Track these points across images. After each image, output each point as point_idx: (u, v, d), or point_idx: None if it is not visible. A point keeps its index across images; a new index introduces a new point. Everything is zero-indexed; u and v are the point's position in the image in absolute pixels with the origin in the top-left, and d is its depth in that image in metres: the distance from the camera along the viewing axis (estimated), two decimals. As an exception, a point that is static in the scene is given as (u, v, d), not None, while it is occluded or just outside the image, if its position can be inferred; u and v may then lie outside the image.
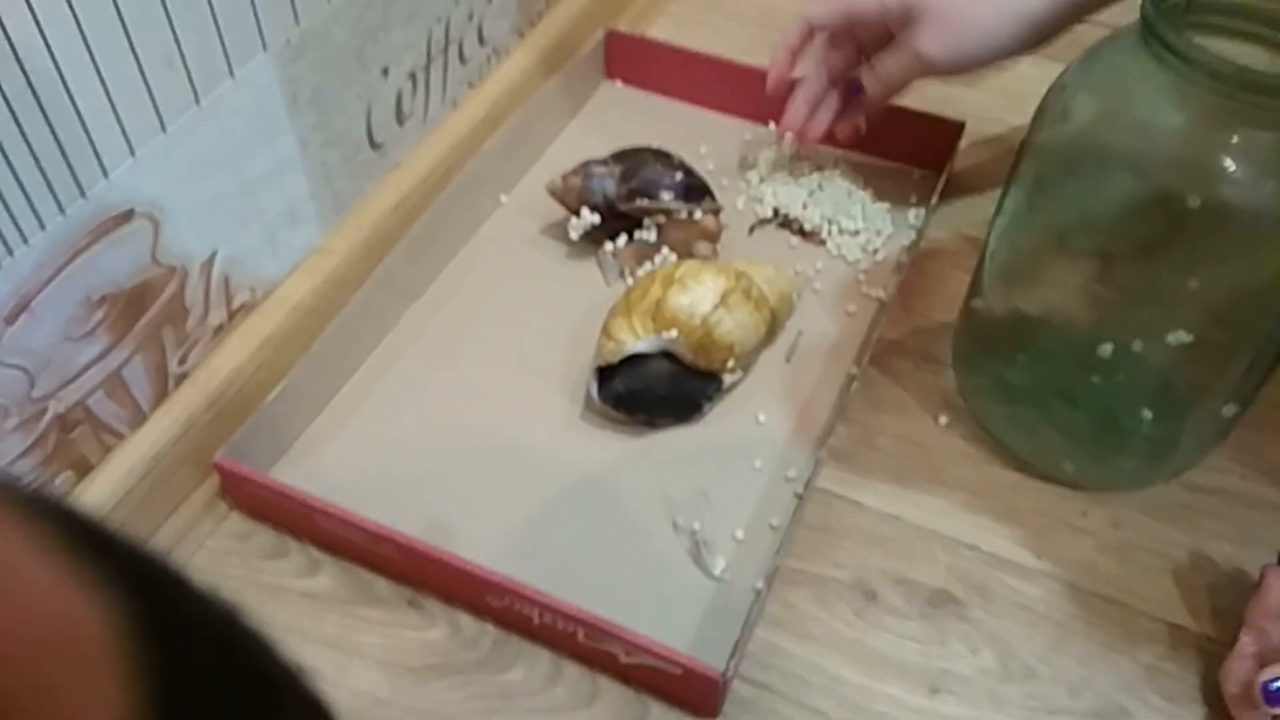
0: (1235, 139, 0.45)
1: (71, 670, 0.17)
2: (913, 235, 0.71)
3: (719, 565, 0.54)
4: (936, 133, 0.74)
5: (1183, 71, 0.44)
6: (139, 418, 0.55)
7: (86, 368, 0.51)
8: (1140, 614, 0.54)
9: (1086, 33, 0.84)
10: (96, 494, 0.52)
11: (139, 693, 0.17)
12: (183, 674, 0.18)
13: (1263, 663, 0.49)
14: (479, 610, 0.53)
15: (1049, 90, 0.51)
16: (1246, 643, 0.50)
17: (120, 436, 0.54)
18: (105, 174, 0.48)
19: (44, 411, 0.49)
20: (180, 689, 0.18)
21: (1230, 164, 0.46)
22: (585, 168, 0.68)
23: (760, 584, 0.53)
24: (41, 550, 0.17)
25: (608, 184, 0.68)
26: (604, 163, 0.69)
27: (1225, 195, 0.46)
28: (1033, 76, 0.83)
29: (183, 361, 0.56)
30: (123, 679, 0.17)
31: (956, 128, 0.73)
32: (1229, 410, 0.54)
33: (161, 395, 0.56)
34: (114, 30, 0.46)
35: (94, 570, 0.18)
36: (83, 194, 0.47)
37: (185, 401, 0.56)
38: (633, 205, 0.67)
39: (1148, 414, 0.55)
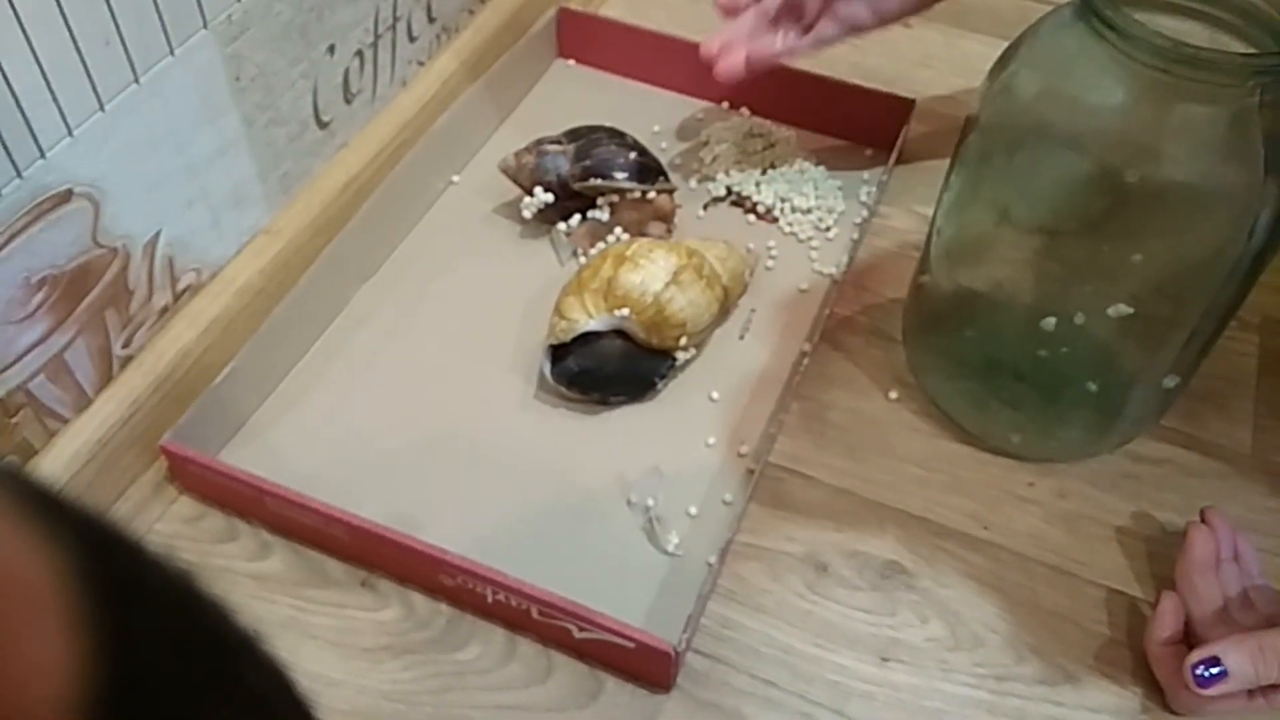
0: (1174, 114, 0.46)
1: (19, 623, 0.16)
2: (864, 213, 0.71)
3: (672, 541, 0.55)
4: (887, 111, 0.74)
5: (1121, 47, 0.45)
6: (83, 401, 0.54)
7: (27, 351, 0.50)
8: (1086, 582, 0.55)
9: (1031, 9, 0.86)
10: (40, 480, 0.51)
11: (90, 651, 0.17)
12: (136, 635, 0.18)
13: (1190, 624, 0.50)
14: (432, 590, 0.53)
15: (992, 67, 0.52)
16: (1166, 603, 0.51)
17: (64, 421, 0.53)
18: (42, 154, 0.47)
19: (-16, 396, 0.49)
20: (134, 650, 0.18)
21: (1168, 139, 0.46)
22: (538, 146, 0.68)
23: (713, 559, 0.53)
24: None
25: (561, 162, 0.67)
26: (557, 141, 0.69)
27: (1164, 170, 0.47)
28: (984, 55, 0.83)
29: (127, 344, 0.56)
30: (73, 636, 0.17)
31: (907, 105, 0.74)
32: (1170, 382, 0.55)
33: (106, 378, 0.55)
34: (48, 6, 0.45)
35: (47, 531, 0.18)
36: (19, 174, 0.46)
37: (130, 384, 0.55)
38: (586, 184, 0.67)
39: (1092, 386, 0.56)
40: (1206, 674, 0.47)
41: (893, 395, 0.62)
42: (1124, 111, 0.47)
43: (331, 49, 0.63)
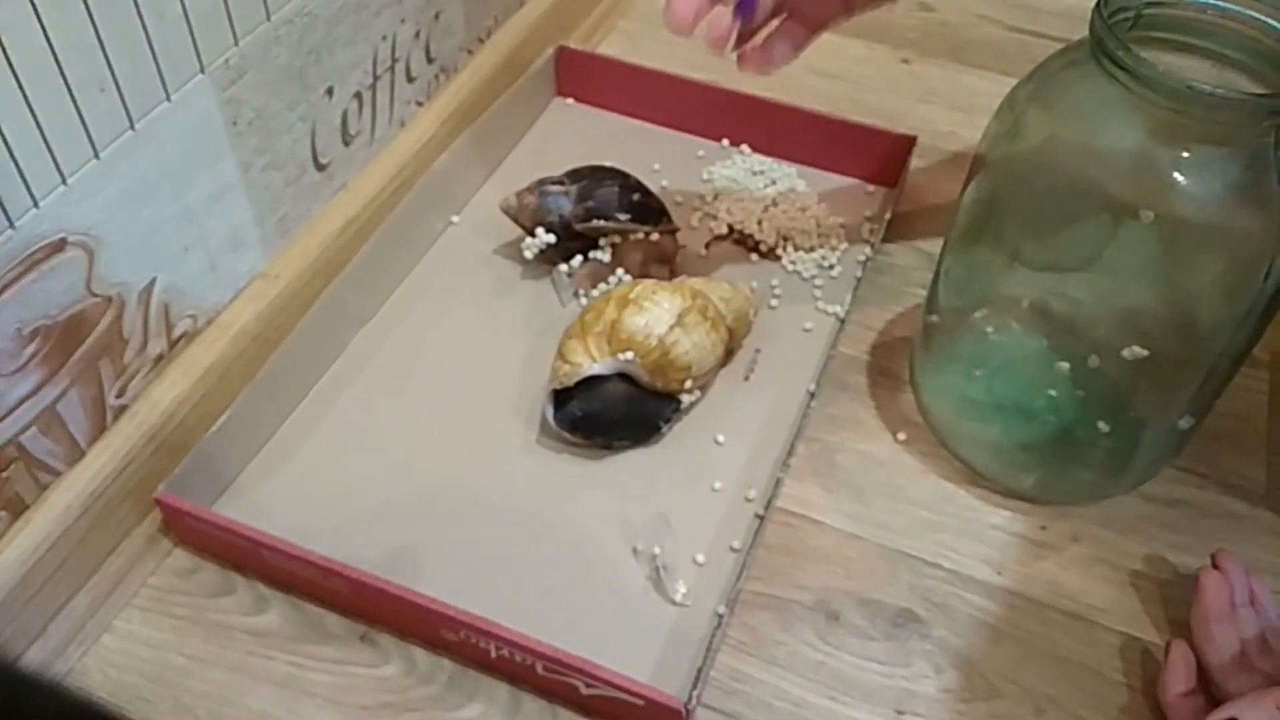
0: (1185, 153, 0.46)
1: None
2: (868, 251, 0.70)
3: (680, 590, 0.53)
4: (889, 147, 0.74)
5: (1132, 87, 0.44)
6: (76, 454, 0.53)
7: (19, 404, 0.49)
8: (1103, 629, 0.54)
9: (1031, 44, 0.85)
10: (33, 534, 0.50)
11: None
12: None
13: (1207, 672, 0.49)
14: (434, 645, 0.52)
15: (1000, 106, 0.51)
16: (1176, 653, 0.50)
17: (57, 474, 0.52)
18: (35, 203, 0.46)
19: (-26, 450, 0.47)
20: None
21: (1181, 178, 0.46)
22: (540, 186, 0.67)
23: (722, 608, 0.52)
24: None
25: (563, 203, 0.67)
26: (559, 181, 0.68)
27: (1177, 209, 0.46)
28: (983, 90, 0.84)
29: (121, 394, 0.54)
30: None
31: (908, 142, 0.73)
32: (1185, 422, 0.54)
33: (99, 430, 0.54)
34: (42, 55, 0.44)
35: None
36: (11, 224, 0.45)
37: (124, 435, 0.54)
38: (589, 225, 0.66)
39: (1104, 427, 0.55)
40: None
41: (901, 437, 0.61)
42: (1137, 152, 0.47)
43: (330, 91, 0.62)
